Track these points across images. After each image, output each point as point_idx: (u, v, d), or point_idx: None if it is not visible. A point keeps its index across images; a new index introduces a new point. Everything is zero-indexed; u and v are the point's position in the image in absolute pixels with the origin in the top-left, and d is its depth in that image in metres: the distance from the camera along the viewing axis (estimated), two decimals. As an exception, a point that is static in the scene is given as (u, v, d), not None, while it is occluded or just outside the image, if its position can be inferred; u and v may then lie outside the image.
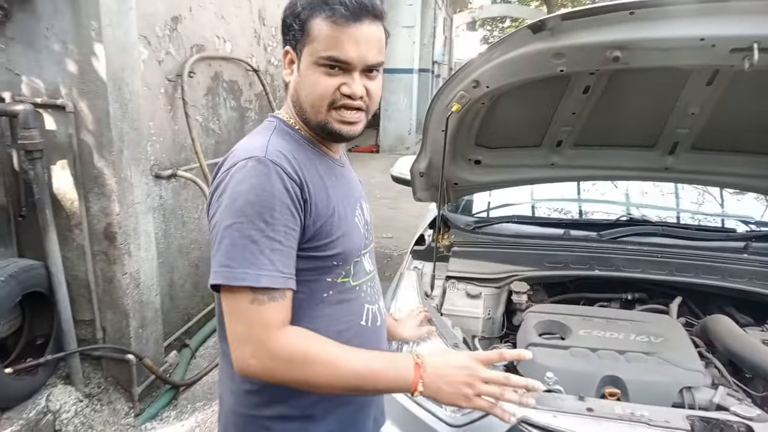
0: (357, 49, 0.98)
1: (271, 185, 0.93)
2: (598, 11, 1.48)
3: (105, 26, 2.33)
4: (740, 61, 1.47)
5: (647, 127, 2.09)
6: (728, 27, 1.43)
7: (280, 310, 0.95)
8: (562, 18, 1.51)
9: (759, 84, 1.78)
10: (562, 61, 1.61)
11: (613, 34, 1.50)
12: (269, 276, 0.92)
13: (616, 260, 2.16)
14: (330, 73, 0.99)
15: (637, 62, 1.55)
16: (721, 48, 1.46)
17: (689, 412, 1.49)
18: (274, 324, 0.93)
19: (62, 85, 2.38)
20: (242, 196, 0.93)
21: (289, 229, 0.95)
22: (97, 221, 2.55)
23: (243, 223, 0.92)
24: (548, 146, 2.22)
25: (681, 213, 2.80)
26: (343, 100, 1.00)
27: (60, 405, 2.52)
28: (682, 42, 1.47)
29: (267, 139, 1.01)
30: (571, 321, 1.91)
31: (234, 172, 0.96)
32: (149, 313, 2.84)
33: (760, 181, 2.21)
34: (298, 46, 1.02)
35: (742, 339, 1.80)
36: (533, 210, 2.84)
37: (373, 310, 1.16)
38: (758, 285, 2.01)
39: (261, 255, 0.92)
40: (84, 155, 2.46)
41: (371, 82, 1.03)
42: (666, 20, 1.46)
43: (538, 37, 1.57)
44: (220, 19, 3.50)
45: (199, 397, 3.01)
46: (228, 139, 3.75)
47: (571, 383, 1.63)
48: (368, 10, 0.98)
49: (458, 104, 1.83)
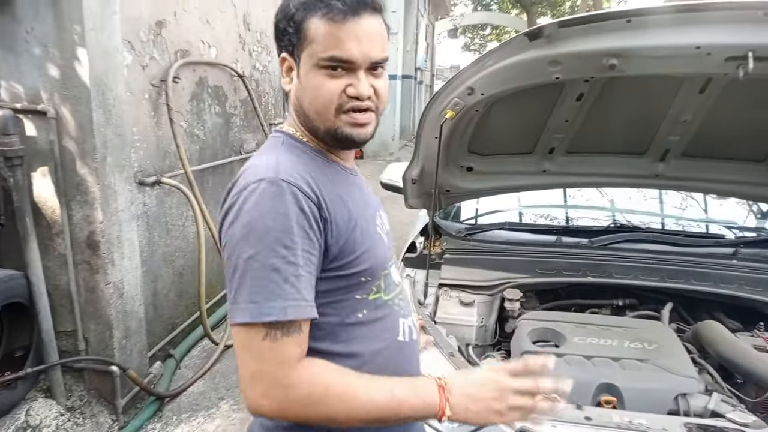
0: (359, 46, 0.91)
1: (286, 207, 0.87)
2: (595, 18, 1.48)
3: (88, 30, 2.28)
4: (735, 69, 1.48)
5: (639, 135, 2.11)
6: (724, 35, 1.44)
7: (298, 343, 0.88)
8: (559, 25, 1.51)
9: (750, 92, 1.80)
10: (557, 69, 1.60)
11: (609, 42, 1.50)
12: (295, 306, 0.86)
13: (608, 267, 2.17)
14: (333, 75, 0.93)
15: (633, 70, 1.55)
16: (716, 56, 1.47)
17: (686, 420, 1.49)
18: (290, 359, 0.87)
19: (43, 90, 2.32)
20: (258, 223, 0.87)
21: (307, 253, 0.88)
22: (80, 230, 2.48)
23: (262, 252, 0.86)
24: (540, 153, 2.23)
25: (671, 219, 2.83)
26: (350, 102, 0.94)
27: (41, 419, 2.45)
28: (678, 50, 1.48)
29: (277, 157, 0.95)
30: (564, 328, 1.91)
31: (246, 196, 0.89)
32: (133, 323, 2.77)
33: (749, 188, 2.24)
34: (296, 51, 0.96)
35: (735, 345, 1.82)
36: (523, 217, 2.85)
37: (408, 324, 1.10)
38: (748, 290, 2.04)
39: (285, 284, 0.85)
40: (66, 162, 2.39)
41: (377, 80, 0.96)
42: (662, 28, 1.46)
43: (534, 45, 1.56)
44: (204, 24, 3.46)
45: (185, 408, 2.95)
46: (213, 145, 3.70)
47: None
48: (366, 3, 0.92)
49: (452, 111, 1.82)
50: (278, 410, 0.88)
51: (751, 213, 2.85)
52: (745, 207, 2.83)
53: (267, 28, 4.51)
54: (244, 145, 4.21)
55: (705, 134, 2.02)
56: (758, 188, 2.19)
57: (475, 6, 24.82)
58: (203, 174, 3.61)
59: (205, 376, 3.23)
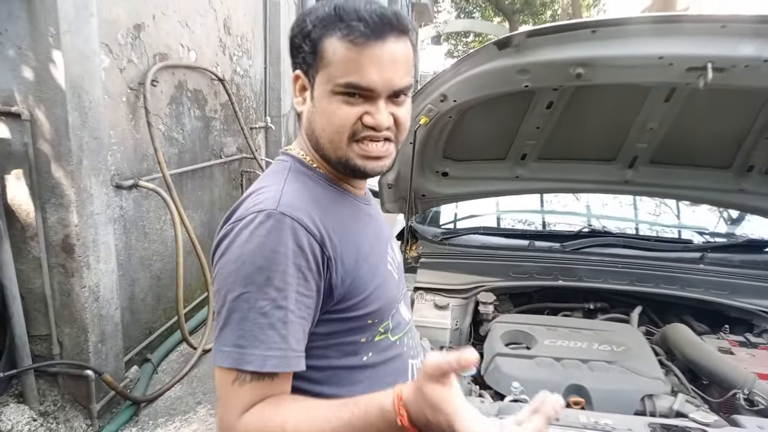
0: (381, 73, 0.82)
1: (283, 244, 0.80)
2: (562, 29, 1.53)
3: (63, 33, 2.27)
4: (696, 79, 1.53)
5: (608, 142, 2.16)
6: (685, 47, 1.49)
7: (265, 389, 0.81)
8: (527, 35, 1.55)
9: (713, 102, 1.87)
10: (526, 77, 1.65)
11: (576, 52, 1.55)
12: (278, 357, 0.79)
13: (579, 271, 2.22)
14: (349, 102, 0.84)
15: (599, 79, 1.60)
16: (678, 66, 1.53)
17: (650, 420, 1.53)
18: (244, 406, 0.80)
19: (17, 92, 2.31)
20: (249, 260, 0.80)
21: (301, 296, 0.81)
22: (54, 233, 2.47)
23: (251, 293, 0.79)
24: (513, 159, 2.27)
25: (641, 224, 2.90)
26: (365, 131, 0.86)
27: (12, 425, 2.42)
28: (642, 60, 1.53)
29: (281, 187, 0.87)
30: (536, 331, 1.95)
31: (240, 229, 0.83)
32: (109, 327, 2.75)
33: (716, 195, 2.31)
34: (310, 71, 0.87)
35: (699, 347, 1.87)
36: (499, 221, 2.90)
37: (417, 366, 1.00)
38: (714, 294, 2.09)
39: (271, 330, 0.79)
40: (41, 165, 2.38)
41: (399, 108, 0.88)
42: (626, 38, 1.51)
43: (503, 53, 1.60)
44: (184, 27, 3.46)
45: (162, 413, 2.94)
46: (192, 148, 3.70)
47: (536, 392, 1.66)
48: (392, 25, 0.83)
49: (426, 117, 1.85)
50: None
51: (721, 219, 2.93)
52: (716, 213, 2.90)
53: (248, 32, 4.53)
54: (224, 149, 4.21)
55: (671, 142, 2.08)
56: (724, 194, 2.26)
57: (458, 13, 25.05)
58: (182, 177, 3.60)
59: (182, 380, 3.22)
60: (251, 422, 0.80)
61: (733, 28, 1.42)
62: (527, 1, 20.98)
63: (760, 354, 1.91)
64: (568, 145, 2.20)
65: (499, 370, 1.79)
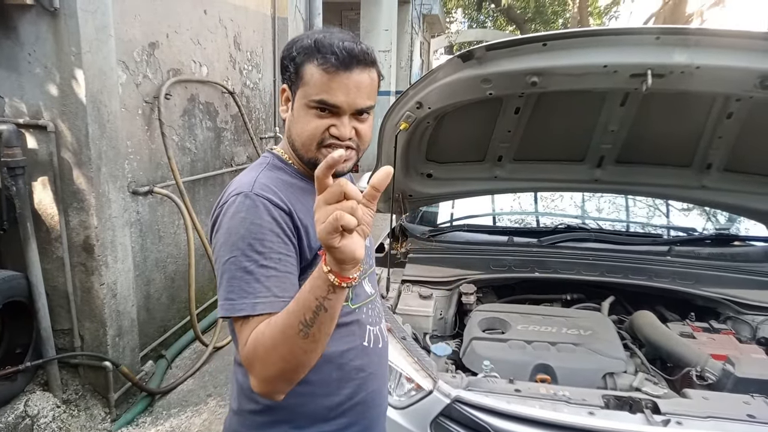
0: (346, 95, 1.02)
1: (259, 217, 1.00)
2: (517, 43, 1.71)
3: (85, 52, 2.50)
4: (639, 84, 1.70)
5: (575, 143, 2.32)
6: (626, 56, 1.66)
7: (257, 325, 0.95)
8: (486, 49, 1.74)
9: (667, 105, 2.02)
10: (490, 86, 1.83)
11: (530, 63, 1.73)
12: (264, 302, 0.96)
13: (554, 263, 2.37)
14: (320, 115, 1.04)
15: (553, 86, 1.78)
16: (622, 74, 1.70)
17: (605, 392, 1.69)
18: (245, 340, 0.96)
19: (44, 107, 2.54)
20: (234, 231, 0.99)
21: (283, 255, 1.00)
22: (76, 234, 2.68)
23: (237, 256, 0.98)
24: (491, 161, 2.44)
25: (617, 221, 3.04)
26: (331, 139, 1.05)
27: (38, 410, 2.63)
28: (589, 68, 1.70)
29: (257, 174, 1.08)
30: (512, 318, 2.11)
31: (226, 209, 1.03)
32: (126, 322, 2.96)
33: (679, 191, 2.45)
34: (293, 87, 1.08)
35: (659, 330, 2.02)
36: (482, 220, 3.05)
37: (375, 332, 1.20)
38: (679, 284, 2.23)
39: (256, 283, 0.96)
40: (64, 172, 2.60)
41: (361, 123, 1.07)
42: (574, 50, 1.69)
43: (467, 65, 1.79)
44: (196, 45, 3.68)
45: (174, 404, 3.12)
46: (204, 157, 3.91)
47: (507, 371, 1.83)
48: (359, 60, 1.02)
49: (406, 123, 2.03)
50: (258, 385, 0.95)
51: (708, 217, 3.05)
52: (685, 210, 3.04)
53: (257, 47, 4.75)
54: (234, 158, 4.42)
55: (633, 142, 2.24)
56: (687, 191, 2.40)
57: (470, 23, 25.21)
58: (194, 185, 3.82)
59: (194, 375, 3.41)
60: (249, 344, 0.96)
61: (666, 39, 1.59)
62: (539, 10, 21.07)
63: (719, 338, 2.05)
64: (539, 147, 2.37)
65: (474, 351, 1.96)
